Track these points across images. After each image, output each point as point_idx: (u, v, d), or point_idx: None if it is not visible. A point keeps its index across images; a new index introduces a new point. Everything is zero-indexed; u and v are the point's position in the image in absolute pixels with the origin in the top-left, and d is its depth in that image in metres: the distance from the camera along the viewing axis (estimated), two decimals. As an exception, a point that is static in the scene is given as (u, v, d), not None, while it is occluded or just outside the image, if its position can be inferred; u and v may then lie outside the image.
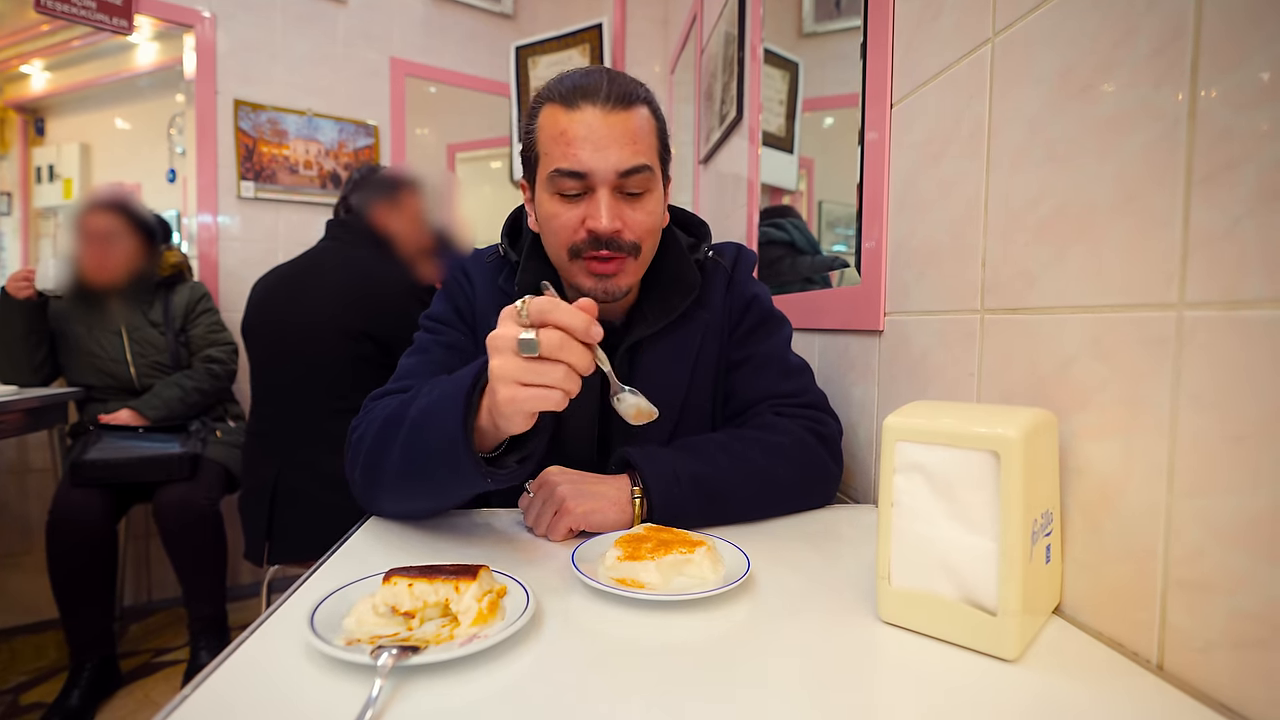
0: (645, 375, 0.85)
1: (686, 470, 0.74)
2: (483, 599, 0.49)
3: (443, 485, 0.65)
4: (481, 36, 2.86)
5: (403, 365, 0.86)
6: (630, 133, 0.74)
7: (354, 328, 1.55)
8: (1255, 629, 0.39)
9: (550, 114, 0.75)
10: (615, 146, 0.73)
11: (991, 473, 0.47)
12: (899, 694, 0.43)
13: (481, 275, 0.89)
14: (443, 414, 0.62)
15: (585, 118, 0.73)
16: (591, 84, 0.74)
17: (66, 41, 2.84)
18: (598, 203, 0.74)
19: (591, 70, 0.77)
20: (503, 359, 0.57)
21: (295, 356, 1.57)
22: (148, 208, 1.96)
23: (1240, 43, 0.40)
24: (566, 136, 0.73)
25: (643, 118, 0.76)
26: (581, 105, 0.73)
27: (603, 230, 0.74)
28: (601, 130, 0.73)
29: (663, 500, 0.72)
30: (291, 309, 1.59)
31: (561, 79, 0.77)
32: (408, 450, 0.66)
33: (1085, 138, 0.53)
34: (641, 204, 0.77)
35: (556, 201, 0.76)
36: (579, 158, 0.73)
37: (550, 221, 0.77)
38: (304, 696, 0.41)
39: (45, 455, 2.09)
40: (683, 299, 0.85)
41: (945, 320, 0.74)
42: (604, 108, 0.73)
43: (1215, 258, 0.42)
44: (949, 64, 0.73)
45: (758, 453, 0.79)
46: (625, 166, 0.74)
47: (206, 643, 1.76)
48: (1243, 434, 0.40)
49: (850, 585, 0.59)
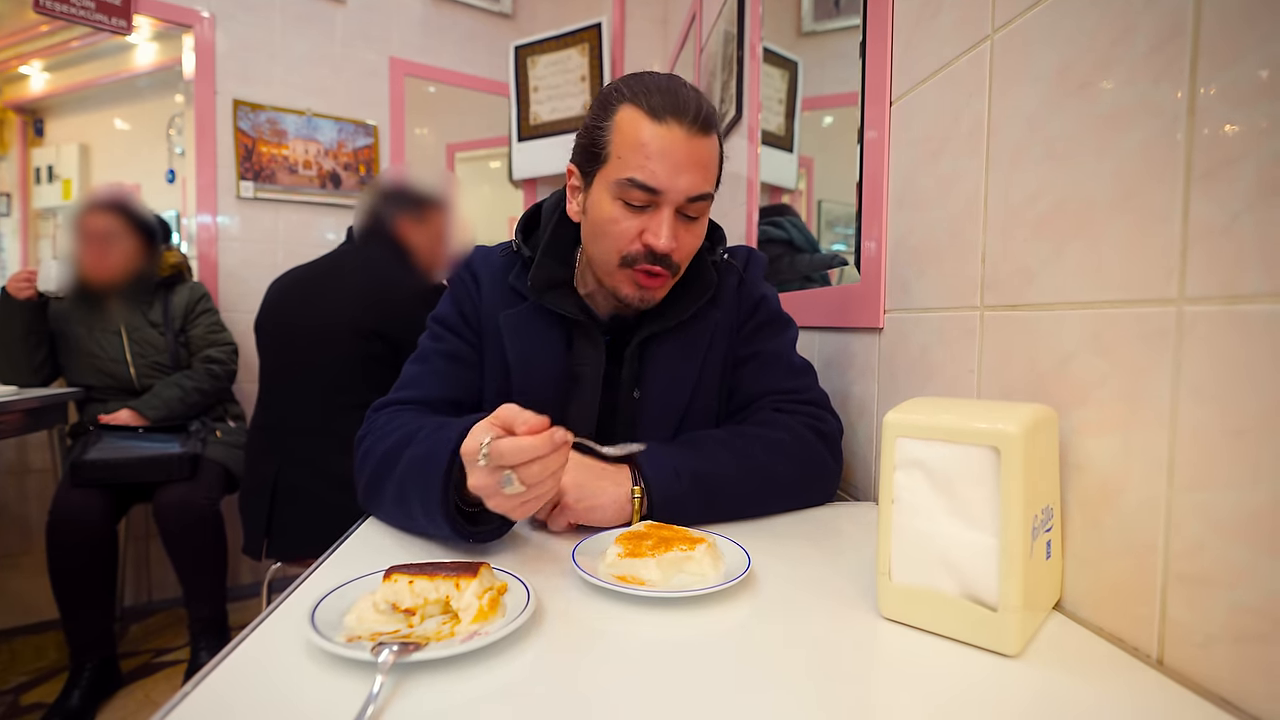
0: (654, 371, 0.85)
1: (687, 467, 0.74)
2: (483, 596, 0.49)
3: (431, 537, 0.69)
4: (480, 36, 2.86)
5: (406, 373, 0.87)
6: (705, 159, 0.75)
7: (366, 327, 1.56)
8: (1256, 623, 0.39)
9: (632, 118, 0.74)
10: (691, 171, 0.74)
11: (992, 468, 0.47)
12: (900, 690, 0.43)
13: (489, 273, 0.88)
14: (426, 484, 0.64)
15: (671, 136, 0.72)
16: (682, 102, 0.73)
17: (65, 42, 2.84)
18: (661, 221, 0.75)
19: (678, 84, 0.75)
20: (496, 502, 0.60)
21: (306, 354, 1.59)
22: (148, 207, 1.96)
23: (1238, 39, 0.41)
24: (648, 150, 0.72)
25: (715, 146, 0.77)
26: (669, 122, 0.72)
27: (661, 249, 0.75)
28: (683, 152, 0.73)
29: (663, 498, 0.73)
30: (307, 310, 1.61)
31: (647, 84, 0.75)
32: (399, 499, 0.69)
33: (1084, 134, 0.53)
34: (695, 227, 0.79)
35: (619, 207, 0.76)
36: (657, 175, 0.73)
37: (608, 225, 0.77)
38: (305, 693, 0.41)
39: (45, 455, 2.09)
40: (698, 299, 0.86)
41: (945, 317, 0.74)
42: (690, 130, 0.73)
43: (1214, 253, 0.42)
44: (948, 61, 0.73)
45: (758, 449, 0.79)
46: (695, 192, 0.75)
47: (207, 643, 1.75)
48: (1243, 428, 0.40)
49: (851, 581, 0.60)
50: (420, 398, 0.84)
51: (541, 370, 0.84)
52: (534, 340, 0.84)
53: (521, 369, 0.84)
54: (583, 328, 0.84)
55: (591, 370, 0.84)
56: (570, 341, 0.85)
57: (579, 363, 0.85)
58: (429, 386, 0.85)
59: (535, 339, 0.84)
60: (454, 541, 0.66)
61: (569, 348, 0.85)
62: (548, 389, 0.84)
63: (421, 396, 0.84)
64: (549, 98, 2.74)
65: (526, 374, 0.84)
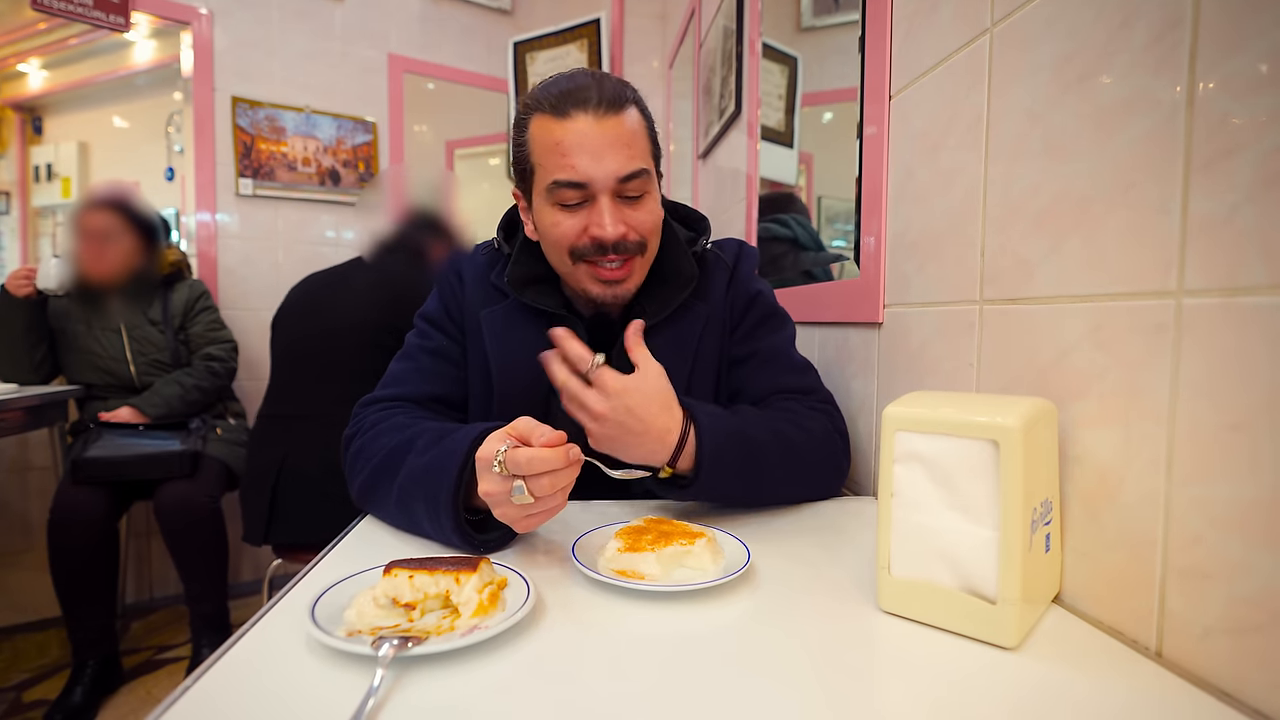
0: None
1: (734, 426, 0.72)
2: (483, 590, 0.49)
3: (436, 541, 0.68)
4: (479, 32, 2.85)
5: (391, 369, 0.88)
6: (624, 137, 0.73)
7: (381, 322, 1.62)
8: (1253, 615, 0.39)
9: (541, 124, 0.74)
10: (611, 153, 0.72)
11: (991, 462, 0.47)
12: (899, 683, 0.43)
13: (473, 271, 0.89)
14: (433, 493, 0.64)
15: (578, 126, 0.71)
16: (580, 90, 0.72)
17: (64, 39, 2.83)
18: (600, 210, 0.74)
19: (577, 74, 0.75)
20: (503, 510, 0.60)
21: (322, 348, 1.65)
22: (147, 205, 1.95)
23: (1238, 31, 0.40)
24: (561, 147, 0.72)
25: (634, 119, 0.75)
26: (573, 113, 0.72)
27: (608, 238, 0.74)
28: (596, 137, 0.72)
29: (713, 447, 0.68)
30: (326, 310, 1.69)
31: (547, 86, 0.75)
32: (402, 504, 0.69)
33: (1083, 127, 0.53)
34: (642, 205, 0.77)
35: (557, 211, 0.75)
36: (577, 168, 0.72)
37: (552, 230, 0.76)
38: (306, 687, 0.41)
39: (46, 453, 2.09)
40: (680, 292, 0.85)
41: (944, 311, 0.74)
42: (596, 114, 0.72)
43: (1214, 245, 0.42)
44: (947, 55, 0.73)
45: (790, 427, 0.78)
46: (624, 172, 0.73)
47: (208, 639, 1.76)
48: (1241, 421, 0.40)
49: (850, 575, 0.60)
50: (406, 395, 0.84)
51: (522, 366, 0.83)
52: (514, 337, 0.84)
53: (502, 366, 0.84)
54: (564, 323, 0.83)
55: None
56: None
57: None
58: (415, 384, 0.85)
59: (515, 336, 0.84)
60: (458, 549, 0.66)
61: (550, 344, 0.85)
62: (529, 386, 0.83)
63: (408, 394, 0.84)
64: (548, 94, 2.73)
65: (507, 371, 0.84)
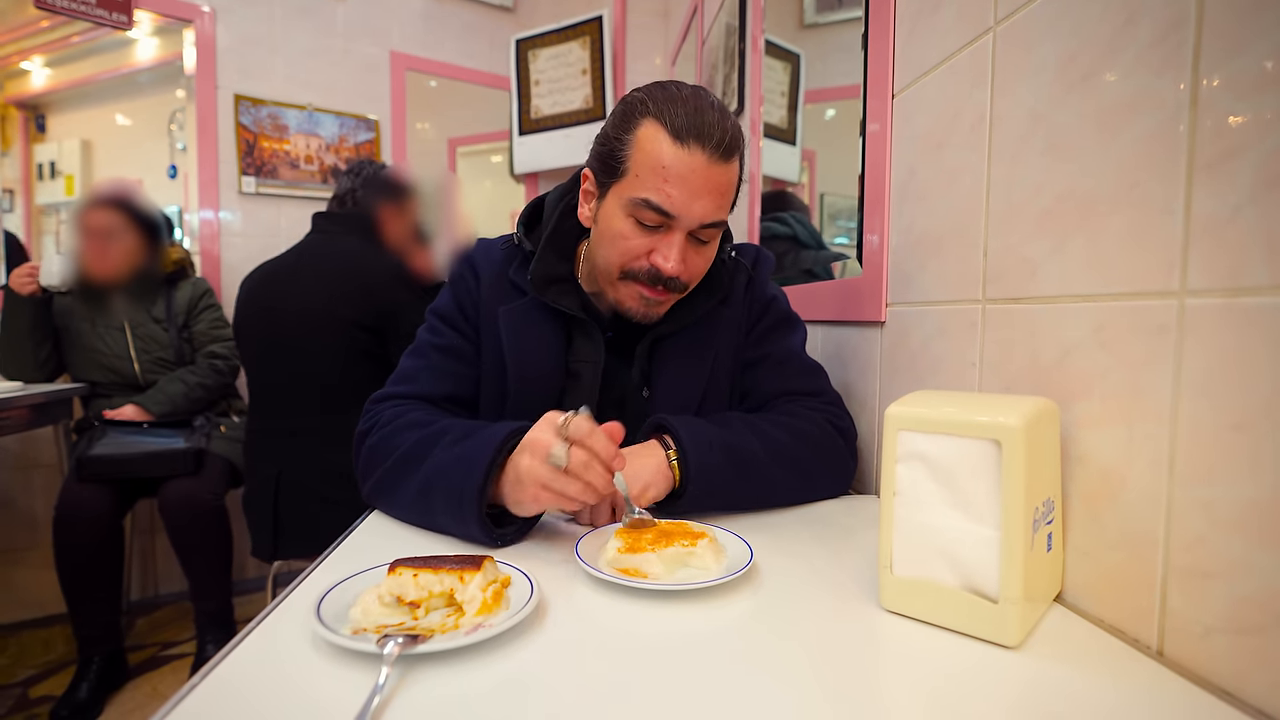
0: (665, 370, 0.85)
1: (719, 439, 0.74)
2: (487, 589, 0.50)
3: (449, 533, 0.70)
4: (481, 29, 2.85)
5: (403, 366, 0.87)
6: (723, 186, 0.73)
7: (345, 318, 1.54)
8: (1255, 615, 0.39)
9: (654, 137, 0.71)
10: (709, 198, 0.72)
11: (993, 461, 0.47)
12: (901, 681, 0.43)
13: (489, 266, 0.88)
14: (458, 490, 0.65)
15: (691, 161, 0.70)
16: (706, 125, 0.70)
17: (66, 37, 2.83)
18: (671, 244, 0.74)
19: (704, 103, 0.72)
20: (533, 463, 0.63)
21: (288, 353, 1.57)
22: (151, 202, 1.95)
23: (1242, 30, 0.40)
24: (667, 173, 0.70)
25: (735, 171, 0.75)
26: (691, 145, 0.70)
27: (669, 273, 0.74)
28: (702, 179, 0.71)
29: (698, 463, 0.71)
30: (281, 305, 1.58)
31: (674, 100, 0.71)
32: (421, 500, 0.70)
33: (1086, 126, 0.53)
34: (705, 250, 0.78)
35: (631, 224, 0.74)
36: (673, 199, 0.71)
37: (616, 240, 0.76)
38: (311, 685, 0.41)
39: (51, 451, 2.09)
40: (706, 301, 0.85)
41: (947, 310, 0.74)
42: (711, 156, 0.70)
43: (1217, 245, 0.42)
44: (950, 53, 0.73)
45: (784, 434, 0.79)
46: (710, 219, 0.73)
47: (213, 636, 1.77)
48: (1243, 422, 0.40)
49: (852, 574, 0.60)
50: (421, 393, 0.84)
51: (538, 367, 0.83)
52: (532, 336, 0.84)
53: (518, 365, 0.83)
54: (583, 325, 0.84)
55: (590, 369, 0.83)
56: (570, 338, 0.84)
57: (578, 360, 0.84)
58: (428, 383, 0.84)
59: (533, 335, 0.84)
60: (473, 540, 0.67)
61: (568, 345, 0.84)
62: (544, 386, 0.83)
63: (422, 392, 0.84)
64: (550, 91, 2.73)
65: (523, 370, 0.83)
